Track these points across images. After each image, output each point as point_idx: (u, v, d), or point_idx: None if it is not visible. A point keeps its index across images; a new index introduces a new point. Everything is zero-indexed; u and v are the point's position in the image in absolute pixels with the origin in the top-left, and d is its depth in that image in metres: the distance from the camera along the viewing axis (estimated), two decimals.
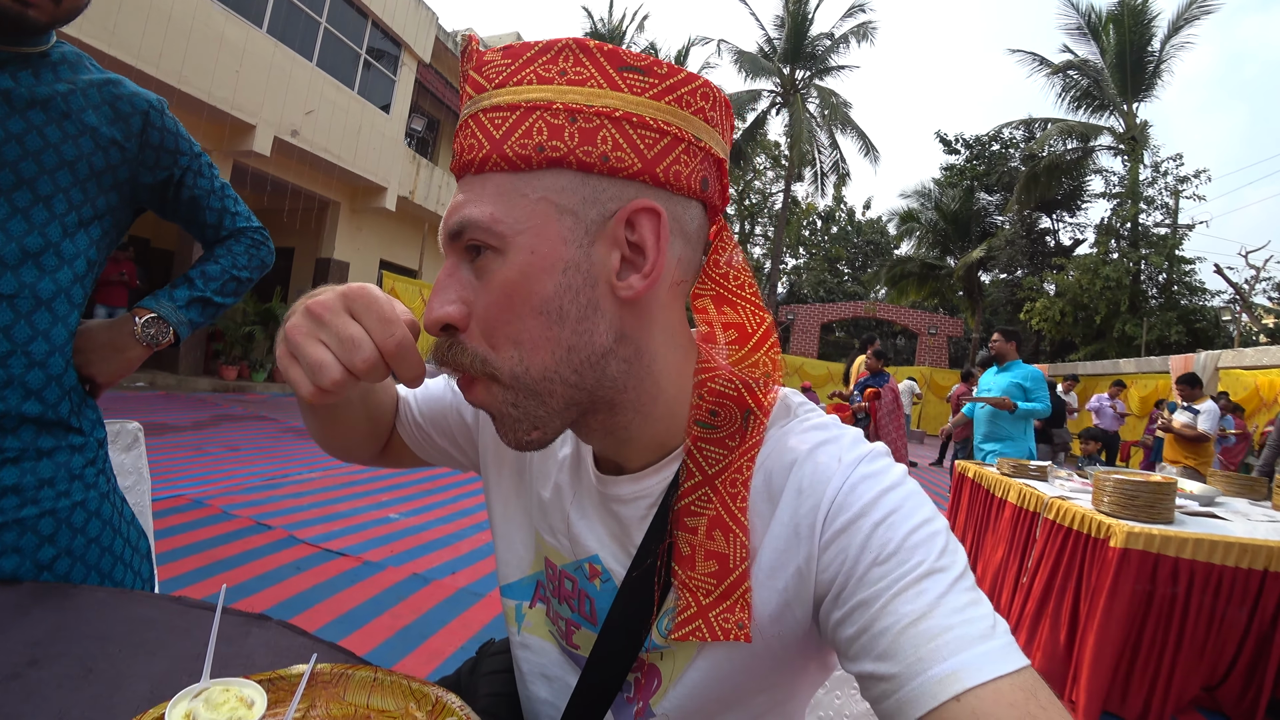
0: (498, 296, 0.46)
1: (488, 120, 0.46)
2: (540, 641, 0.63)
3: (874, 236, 31.56)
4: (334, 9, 10.55)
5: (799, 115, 19.72)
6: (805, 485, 0.48)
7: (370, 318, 0.47)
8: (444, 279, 0.48)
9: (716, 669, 0.51)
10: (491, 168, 0.46)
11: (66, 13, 0.83)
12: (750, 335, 0.52)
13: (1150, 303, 16.83)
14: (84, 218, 0.89)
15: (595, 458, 0.59)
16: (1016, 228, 20.45)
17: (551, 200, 0.45)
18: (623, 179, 0.46)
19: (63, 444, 0.88)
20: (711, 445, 0.50)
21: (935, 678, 0.38)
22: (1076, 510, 2.63)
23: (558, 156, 0.44)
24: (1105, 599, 2.32)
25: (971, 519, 3.82)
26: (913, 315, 20.70)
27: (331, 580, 2.87)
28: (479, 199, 0.46)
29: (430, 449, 0.76)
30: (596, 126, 0.44)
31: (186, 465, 4.71)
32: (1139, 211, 17.24)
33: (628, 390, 0.50)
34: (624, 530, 0.56)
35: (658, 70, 0.46)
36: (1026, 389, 4.37)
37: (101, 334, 0.94)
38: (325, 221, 12.09)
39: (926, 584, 0.41)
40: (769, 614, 0.49)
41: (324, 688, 0.58)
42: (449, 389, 0.75)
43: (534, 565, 0.64)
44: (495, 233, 0.45)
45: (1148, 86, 16.98)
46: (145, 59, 7.59)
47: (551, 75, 0.45)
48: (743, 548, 0.48)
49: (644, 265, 0.47)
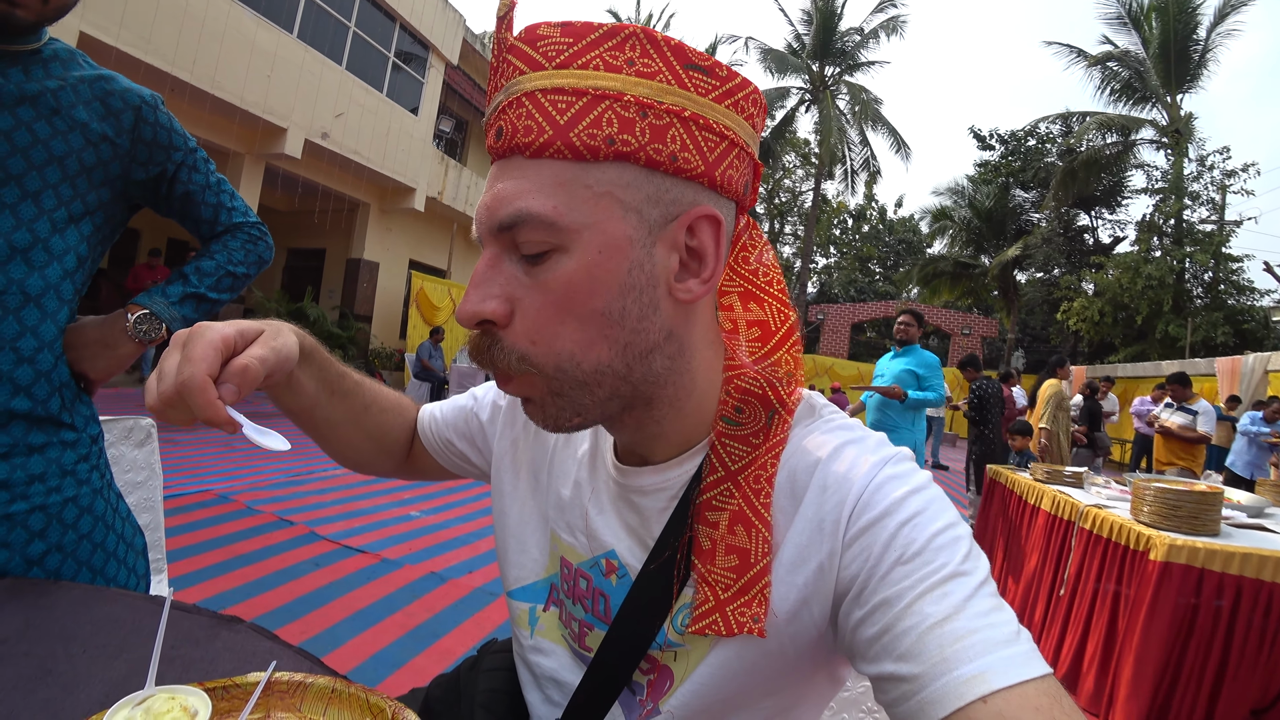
0: (558, 296, 0.44)
1: (548, 102, 0.43)
2: (553, 645, 0.62)
3: (906, 235, 31.01)
4: (363, 13, 10.72)
5: (828, 112, 19.47)
6: (830, 482, 0.48)
7: (175, 356, 0.48)
8: (485, 271, 0.46)
9: (726, 666, 0.50)
10: (553, 154, 0.43)
11: (55, 11, 0.82)
12: (774, 333, 0.53)
13: (1195, 302, 16.17)
14: (74, 213, 0.88)
15: (616, 449, 0.59)
16: (1053, 225, 19.88)
17: (616, 196, 0.44)
18: (685, 180, 0.45)
19: (54, 440, 0.87)
20: (735, 442, 0.50)
21: (961, 678, 0.38)
22: (1114, 520, 2.51)
23: (628, 151, 0.43)
24: (1145, 615, 2.19)
25: (1003, 526, 3.69)
26: (946, 315, 20.28)
27: (349, 577, 2.88)
28: (537, 189, 0.43)
29: (451, 455, 0.77)
30: (666, 124, 0.43)
31: (215, 461, 4.80)
32: (1183, 207, 16.59)
33: (667, 386, 0.50)
34: (643, 522, 0.56)
35: (719, 72, 0.45)
36: (920, 376, 4.13)
37: (93, 331, 0.94)
38: (355, 222, 12.29)
39: (951, 586, 0.41)
40: (787, 610, 0.48)
41: (280, 697, 0.55)
42: (470, 395, 0.78)
43: (549, 568, 0.64)
44: (559, 227, 0.43)
45: (1193, 77, 16.33)
46: (180, 65, 7.81)
47: (619, 64, 0.43)
48: (765, 543, 0.48)
49: (703, 271, 0.47)
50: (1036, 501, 3.24)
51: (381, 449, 0.77)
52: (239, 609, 2.43)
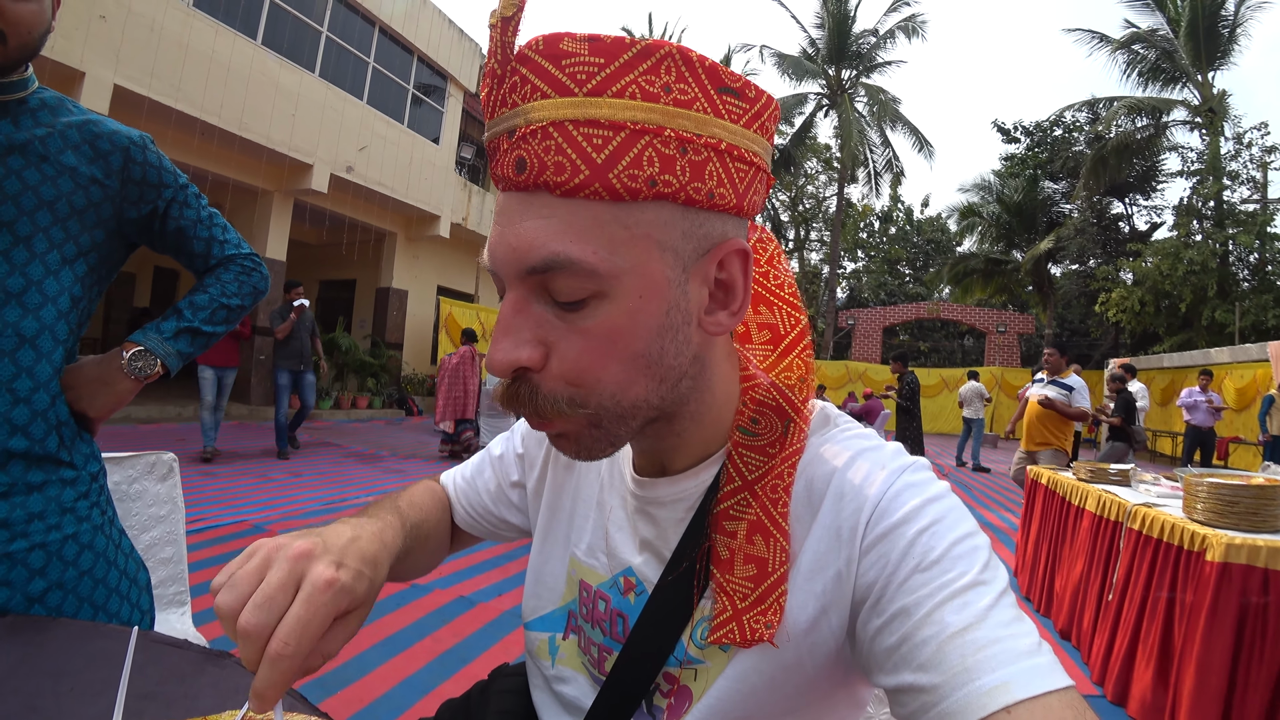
0: (599, 341, 0.42)
1: (581, 136, 0.39)
2: (574, 674, 0.62)
3: (934, 235, 30.51)
4: (381, 48, 11.04)
5: (847, 115, 19.34)
6: (847, 490, 0.48)
7: (291, 584, 0.40)
8: (512, 317, 0.43)
9: (744, 680, 0.49)
10: (588, 195, 0.40)
11: (18, 51, 0.84)
12: (783, 337, 0.53)
13: (1242, 286, 15.49)
14: (67, 255, 0.90)
15: (634, 461, 0.59)
16: (1086, 215, 19.29)
17: (653, 236, 0.42)
18: (717, 213, 0.44)
19: (53, 478, 0.88)
20: (752, 452, 0.50)
21: (984, 688, 0.37)
22: (1165, 519, 2.37)
23: (668, 192, 0.41)
24: (1205, 622, 2.04)
25: (1046, 529, 3.54)
26: (979, 314, 19.82)
27: (378, 603, 2.89)
28: (572, 232, 0.40)
29: (492, 522, 0.75)
30: (704, 160, 0.41)
31: (252, 491, 4.90)
32: (1223, 188, 15.92)
33: (690, 402, 0.50)
34: (659, 535, 0.56)
35: (749, 94, 0.43)
36: None
37: (91, 369, 0.95)
38: (383, 252, 12.57)
39: (971, 595, 0.40)
40: (805, 620, 0.48)
41: None
42: (486, 459, 0.76)
43: (566, 595, 0.63)
44: (600, 274, 0.41)
45: (1224, 53, 15.76)
46: (208, 110, 8.13)
47: (656, 91, 0.40)
48: (783, 552, 0.48)
49: (732, 304, 0.47)
50: (1081, 502, 3.10)
51: (438, 557, 0.74)
52: None
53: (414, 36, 11.45)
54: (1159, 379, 13.50)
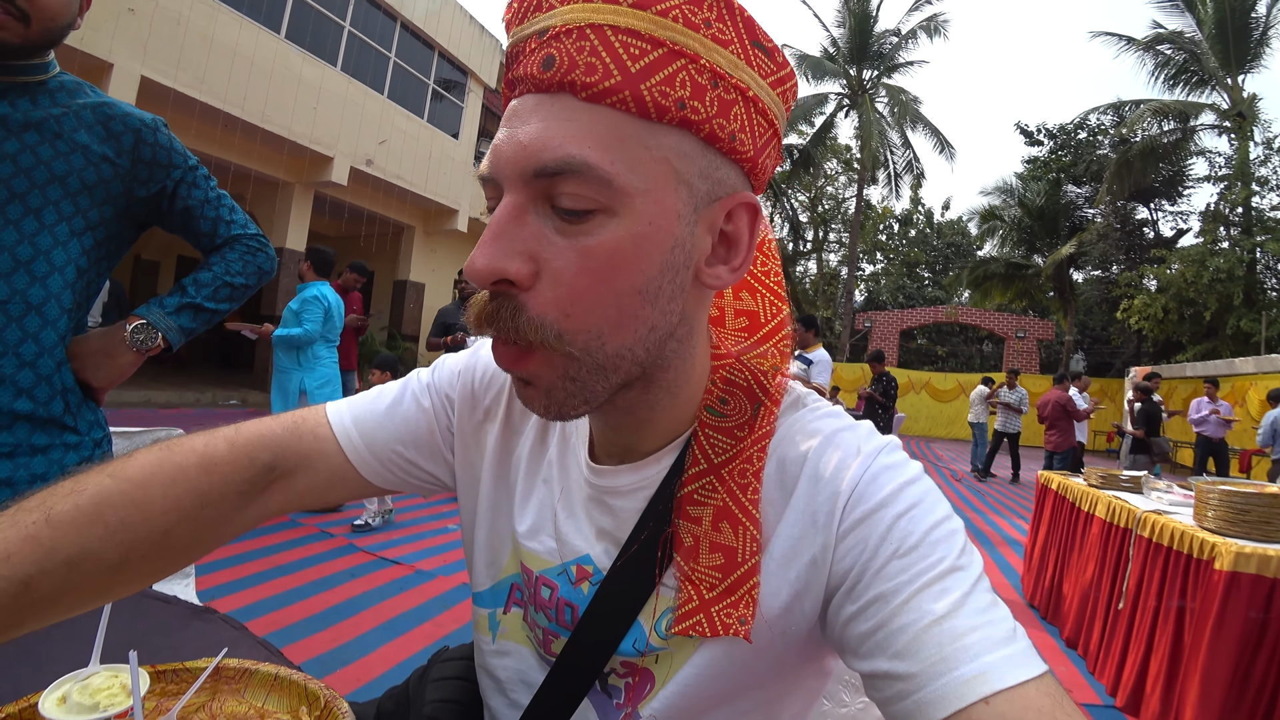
0: (598, 265, 0.39)
1: (619, 42, 0.37)
2: (519, 647, 0.58)
3: (954, 238, 30.13)
4: (402, 43, 11.14)
5: (868, 116, 19.16)
6: (823, 472, 0.46)
7: None
8: (506, 222, 0.39)
9: (714, 666, 0.48)
10: (615, 103, 0.38)
11: (40, 35, 0.86)
12: (762, 325, 0.52)
13: (1269, 294, 15.16)
14: (75, 228, 0.93)
15: (591, 447, 0.54)
16: (1110, 220, 18.93)
17: (672, 165, 0.40)
18: (733, 162, 0.42)
19: (57, 442, 0.91)
20: (719, 434, 0.49)
21: (962, 678, 0.36)
22: (1175, 527, 2.34)
23: (695, 120, 0.39)
24: (1211, 629, 2.02)
25: (1055, 534, 3.49)
26: (998, 319, 19.57)
27: (382, 587, 2.94)
28: (593, 137, 0.38)
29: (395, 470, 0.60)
30: (733, 100, 0.40)
31: None
32: (1251, 194, 15.56)
33: (670, 369, 0.47)
34: (617, 525, 0.52)
35: (777, 58, 0.43)
36: (295, 312, 3.82)
37: (95, 341, 0.99)
38: (401, 245, 12.69)
39: (949, 582, 0.40)
40: (778, 606, 0.46)
41: (227, 683, 0.55)
42: (412, 401, 0.61)
43: (506, 569, 0.59)
44: (614, 187, 0.38)
45: (1254, 56, 15.37)
46: (232, 102, 8.27)
47: (698, 22, 0.39)
48: (753, 541, 0.46)
49: (734, 259, 0.45)
50: (1090, 508, 3.06)
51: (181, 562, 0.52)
52: (273, 616, 2.50)
53: (435, 32, 11.55)
54: (1181, 388, 13.24)
